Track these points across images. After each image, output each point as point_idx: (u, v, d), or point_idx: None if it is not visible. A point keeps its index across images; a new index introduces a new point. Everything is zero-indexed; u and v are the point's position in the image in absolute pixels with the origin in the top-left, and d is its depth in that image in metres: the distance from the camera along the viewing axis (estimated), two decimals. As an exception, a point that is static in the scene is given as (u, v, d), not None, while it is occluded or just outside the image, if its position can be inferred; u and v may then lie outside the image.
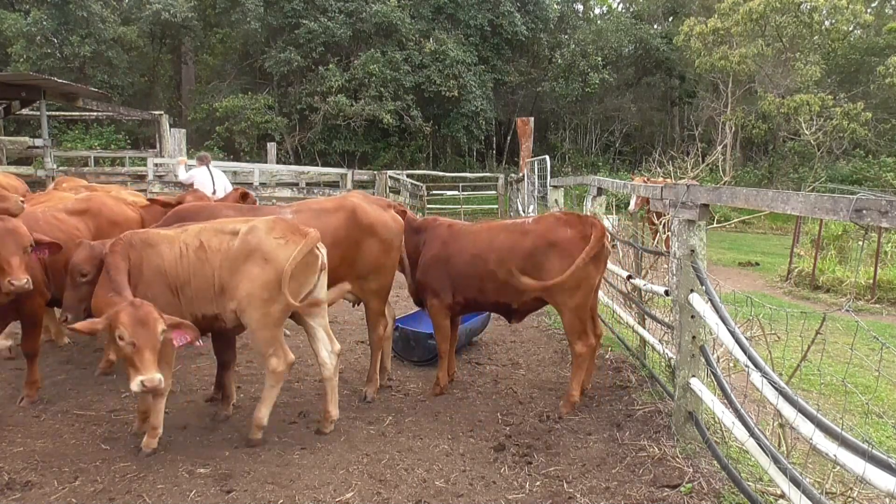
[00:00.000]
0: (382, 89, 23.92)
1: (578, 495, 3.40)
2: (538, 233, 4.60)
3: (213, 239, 3.81)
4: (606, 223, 6.46)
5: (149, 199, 6.28)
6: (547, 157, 15.10)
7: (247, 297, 3.73)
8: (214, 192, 9.72)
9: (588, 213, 6.45)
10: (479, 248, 4.71)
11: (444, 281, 4.79)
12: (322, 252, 3.94)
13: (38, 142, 13.24)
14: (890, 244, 10.60)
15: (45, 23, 21.66)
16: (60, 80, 13.86)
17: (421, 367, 5.60)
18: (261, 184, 14.48)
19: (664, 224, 7.23)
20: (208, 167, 10.66)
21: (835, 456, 2.36)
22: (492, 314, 6.23)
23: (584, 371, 4.63)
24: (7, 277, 3.85)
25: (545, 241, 4.54)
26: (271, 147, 20.47)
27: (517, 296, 4.66)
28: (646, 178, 12.20)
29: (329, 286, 4.44)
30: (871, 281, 9.13)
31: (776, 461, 2.84)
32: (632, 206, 11.28)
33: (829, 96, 22.76)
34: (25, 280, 3.90)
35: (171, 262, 3.78)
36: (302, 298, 3.84)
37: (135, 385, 3.34)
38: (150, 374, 3.34)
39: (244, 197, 5.88)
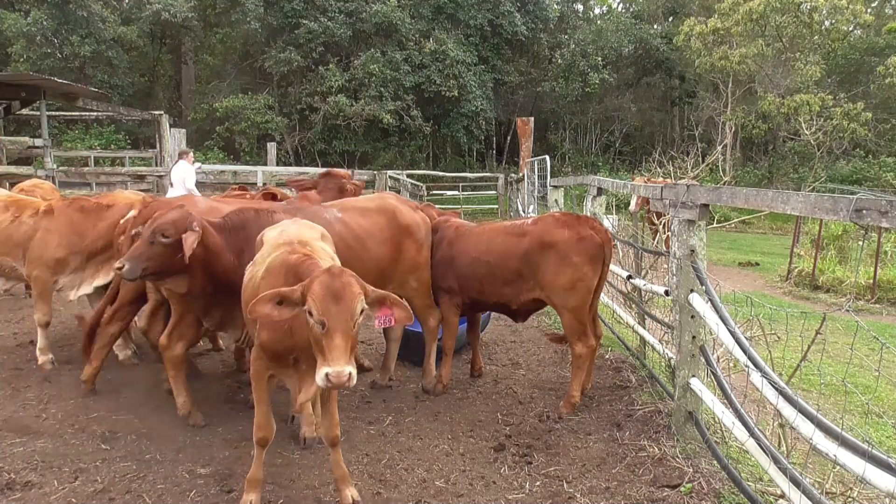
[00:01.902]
0: (382, 89, 23.91)
1: (578, 495, 3.40)
2: (534, 234, 4.63)
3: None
4: (606, 223, 6.46)
5: None
6: (547, 157, 15.11)
7: None
8: (172, 186, 10.57)
9: (588, 214, 6.45)
10: (479, 250, 4.82)
11: (451, 280, 4.93)
12: None
13: (38, 142, 13.22)
14: (890, 244, 10.60)
15: (45, 23, 21.65)
16: (60, 80, 13.84)
17: (421, 367, 5.59)
18: (262, 184, 14.48)
19: (664, 224, 7.24)
20: (181, 162, 11.13)
21: (835, 456, 2.36)
22: (492, 314, 6.25)
23: (584, 372, 4.63)
24: None
25: (541, 242, 4.56)
26: (271, 147, 20.45)
27: (515, 296, 4.75)
28: (646, 178, 12.20)
29: (379, 286, 4.51)
30: (871, 281, 9.13)
31: (776, 461, 2.84)
32: (632, 207, 11.30)
33: (829, 96, 22.76)
34: None
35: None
36: None
37: (319, 378, 2.61)
38: (338, 366, 2.59)
39: (272, 196, 6.19)
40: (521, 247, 4.63)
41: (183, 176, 10.81)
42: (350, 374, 2.60)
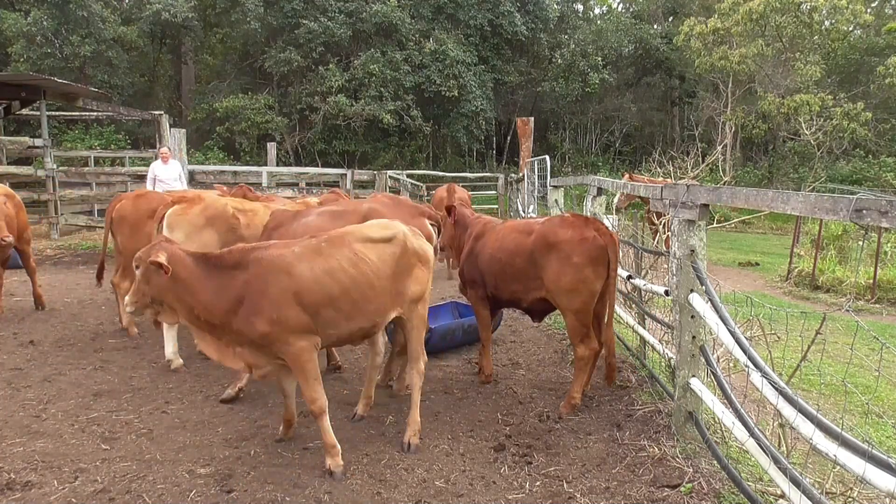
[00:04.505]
0: (382, 89, 23.92)
1: (578, 495, 3.40)
2: (539, 233, 4.68)
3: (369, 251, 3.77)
4: (606, 223, 6.45)
5: None
6: (547, 157, 15.09)
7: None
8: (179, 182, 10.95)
9: (588, 214, 6.46)
10: (494, 246, 4.96)
11: (476, 274, 5.12)
12: None
13: (38, 142, 13.21)
14: (890, 244, 10.60)
15: (45, 23, 21.63)
16: (60, 80, 13.82)
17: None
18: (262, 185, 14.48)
19: (664, 224, 7.24)
20: (173, 161, 11.21)
21: (835, 456, 2.36)
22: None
23: (585, 374, 4.63)
24: None
25: (545, 242, 4.58)
26: (271, 147, 20.44)
27: (524, 294, 4.84)
28: (635, 177, 12.14)
29: None
30: (871, 281, 9.13)
31: (776, 461, 2.83)
32: (615, 202, 11.33)
33: (829, 96, 22.75)
34: None
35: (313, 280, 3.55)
36: None
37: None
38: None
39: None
40: (527, 245, 4.71)
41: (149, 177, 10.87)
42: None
